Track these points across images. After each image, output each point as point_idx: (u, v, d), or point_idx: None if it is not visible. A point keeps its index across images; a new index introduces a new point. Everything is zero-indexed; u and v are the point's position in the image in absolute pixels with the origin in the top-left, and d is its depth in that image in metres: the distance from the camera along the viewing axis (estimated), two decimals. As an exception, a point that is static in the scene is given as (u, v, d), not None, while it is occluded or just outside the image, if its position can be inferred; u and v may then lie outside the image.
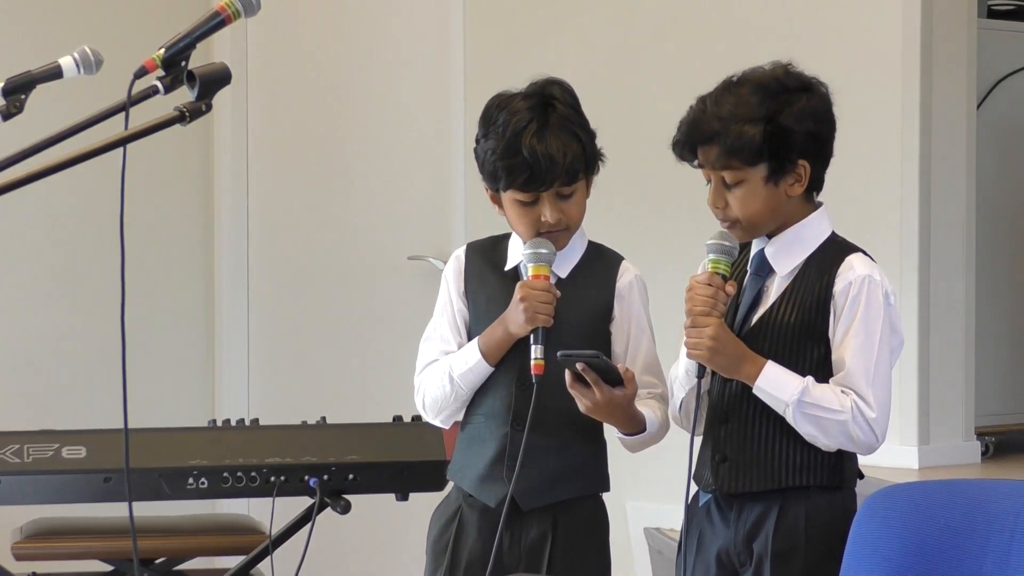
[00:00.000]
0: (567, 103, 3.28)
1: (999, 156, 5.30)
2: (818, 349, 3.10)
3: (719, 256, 3.09)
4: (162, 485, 4.06)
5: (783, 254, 3.14)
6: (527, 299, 3.19)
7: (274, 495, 4.06)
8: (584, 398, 3.16)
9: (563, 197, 3.25)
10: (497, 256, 3.36)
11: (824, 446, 3.07)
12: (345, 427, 4.24)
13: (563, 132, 3.23)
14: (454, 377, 3.30)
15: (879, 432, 3.07)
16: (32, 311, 5.99)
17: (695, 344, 3.06)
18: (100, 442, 4.09)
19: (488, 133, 3.27)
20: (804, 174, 3.11)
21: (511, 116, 3.24)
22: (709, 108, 3.11)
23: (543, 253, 3.23)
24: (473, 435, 3.34)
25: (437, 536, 3.38)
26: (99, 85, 2.76)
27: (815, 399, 3.03)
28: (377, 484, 4.16)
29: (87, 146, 2.37)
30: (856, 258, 3.12)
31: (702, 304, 3.06)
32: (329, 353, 6.15)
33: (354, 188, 6.16)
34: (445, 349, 3.35)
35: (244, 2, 2.48)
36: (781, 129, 3.08)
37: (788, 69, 3.14)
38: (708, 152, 3.10)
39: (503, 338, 3.25)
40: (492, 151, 3.24)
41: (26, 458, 4.05)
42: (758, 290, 3.15)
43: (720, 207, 3.12)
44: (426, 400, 3.36)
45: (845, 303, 3.07)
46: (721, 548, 3.15)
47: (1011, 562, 2.92)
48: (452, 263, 3.40)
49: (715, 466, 3.14)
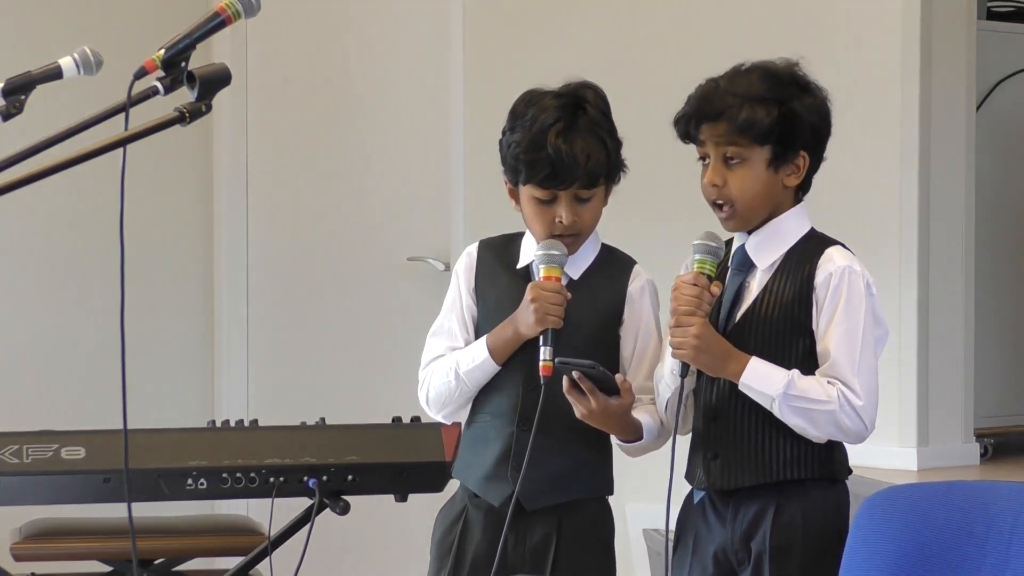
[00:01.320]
0: (598, 108, 3.29)
1: (999, 158, 5.30)
2: (803, 342, 3.11)
3: (705, 256, 3.10)
4: (161, 486, 4.05)
5: (763, 247, 3.15)
6: (538, 300, 3.20)
7: (273, 496, 4.05)
8: (580, 405, 3.17)
9: (580, 200, 3.26)
10: (510, 254, 3.37)
11: (814, 437, 3.08)
12: (344, 428, 4.24)
13: (590, 135, 3.24)
14: (460, 373, 3.30)
15: (868, 420, 3.08)
16: (31, 311, 5.99)
17: (679, 343, 3.07)
18: (99, 442, 4.09)
19: (515, 126, 3.28)
20: (803, 166, 3.13)
21: (540, 112, 3.25)
22: (723, 85, 3.13)
23: (555, 255, 3.23)
24: (478, 434, 3.34)
25: (442, 536, 3.38)
26: (99, 86, 2.76)
27: (801, 391, 3.04)
28: (376, 485, 4.16)
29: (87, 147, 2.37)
30: (835, 250, 3.14)
31: (687, 304, 3.07)
32: (329, 354, 6.15)
33: (354, 189, 6.15)
34: (452, 345, 3.36)
35: (244, 3, 2.48)
36: (792, 114, 3.11)
37: (798, 66, 3.16)
38: (715, 128, 3.11)
39: (512, 338, 3.25)
40: (517, 144, 3.25)
41: (25, 458, 4.04)
42: (739, 286, 3.16)
43: (718, 184, 3.11)
44: (430, 394, 3.37)
45: (827, 294, 3.08)
46: (718, 547, 3.16)
47: (1010, 563, 2.92)
48: (464, 259, 3.40)
49: (707, 464, 3.15)
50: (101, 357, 5.89)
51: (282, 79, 6.25)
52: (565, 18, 5.58)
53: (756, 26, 5.10)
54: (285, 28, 6.17)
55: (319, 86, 6.21)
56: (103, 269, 5.81)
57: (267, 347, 6.23)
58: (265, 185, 6.25)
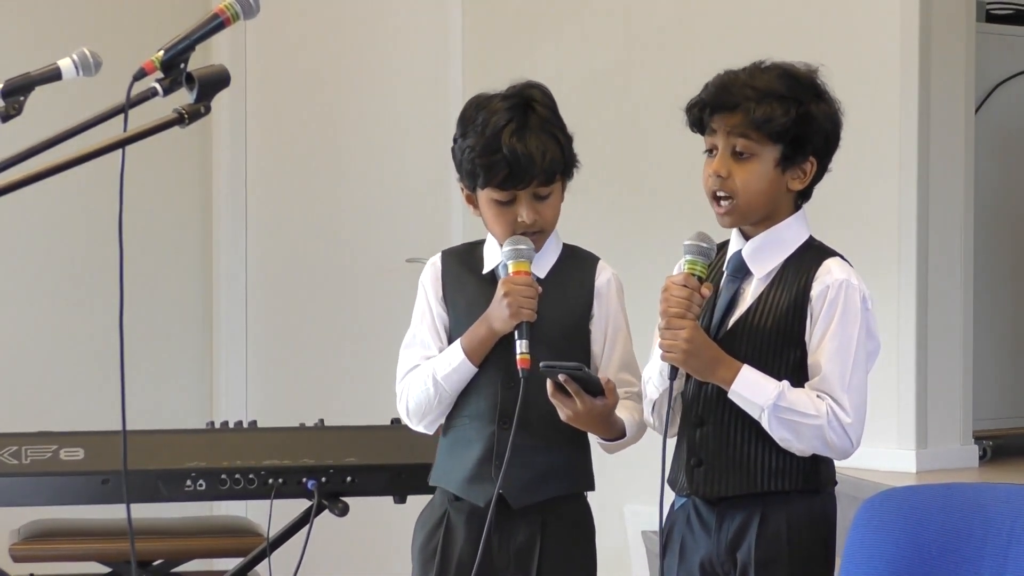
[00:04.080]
0: (546, 105, 3.30)
1: (997, 160, 5.30)
2: (794, 353, 3.07)
3: (696, 257, 3.07)
4: (160, 487, 4.06)
5: (761, 256, 3.12)
6: (511, 294, 3.19)
7: (272, 497, 4.05)
8: (565, 407, 3.16)
9: (539, 198, 3.26)
10: (474, 260, 3.37)
11: (798, 451, 3.05)
12: (343, 430, 4.24)
13: (542, 132, 3.25)
14: (438, 379, 3.29)
15: (854, 437, 3.04)
16: (31, 313, 5.99)
17: (669, 346, 3.04)
18: (98, 444, 4.09)
19: (467, 132, 3.29)
20: (809, 172, 3.11)
21: (490, 115, 3.25)
22: (742, 77, 3.10)
23: (523, 249, 3.23)
24: (457, 437, 3.33)
25: (424, 542, 3.37)
26: (98, 87, 2.76)
27: (790, 403, 3.01)
28: (375, 487, 4.16)
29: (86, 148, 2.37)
30: (834, 262, 3.10)
31: (677, 305, 3.03)
32: (327, 355, 6.15)
33: (353, 191, 6.16)
34: (426, 354, 3.35)
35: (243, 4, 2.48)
36: (808, 117, 3.08)
37: (818, 72, 3.16)
38: (730, 118, 3.08)
39: (486, 336, 3.25)
40: (471, 149, 3.26)
41: (24, 459, 4.04)
42: (734, 292, 3.13)
43: (723, 176, 3.09)
44: (410, 405, 3.35)
45: (822, 307, 3.05)
46: (704, 558, 3.13)
47: (1008, 565, 2.92)
48: (428, 269, 3.41)
49: (690, 470, 3.13)
50: (100, 358, 5.89)
51: (281, 81, 6.26)
52: (562, 20, 5.58)
53: (754, 29, 5.11)
54: (284, 30, 6.17)
55: (318, 88, 6.21)
56: (102, 270, 5.81)
57: (266, 349, 6.24)
58: (264, 187, 6.26)
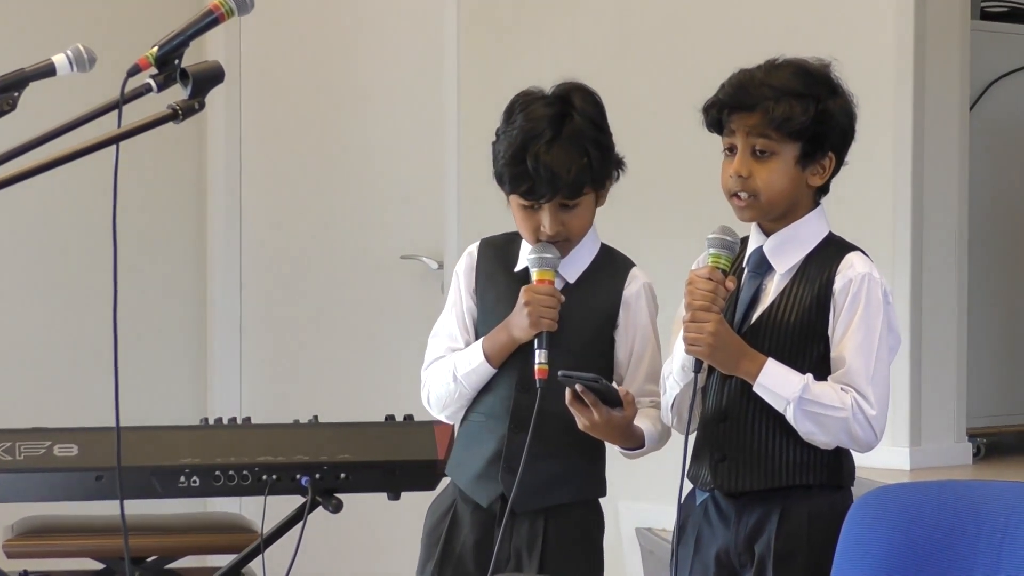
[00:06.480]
0: (586, 114, 3.27)
1: (992, 158, 5.30)
2: (818, 347, 3.09)
3: (720, 251, 3.07)
4: (154, 483, 4.05)
5: (782, 251, 3.13)
6: (531, 303, 3.20)
7: (266, 494, 4.05)
8: (582, 416, 3.16)
9: (566, 208, 3.26)
10: (509, 255, 3.37)
11: (822, 444, 3.07)
12: (337, 426, 4.24)
13: (572, 146, 3.23)
14: (458, 376, 3.32)
15: (878, 430, 3.07)
16: (24, 309, 5.98)
17: (694, 340, 3.04)
18: (92, 440, 4.08)
19: (504, 132, 3.29)
20: (828, 167, 3.12)
21: (527, 121, 3.25)
22: (759, 76, 3.10)
23: (548, 258, 3.24)
24: (472, 433, 3.36)
25: (432, 528, 3.41)
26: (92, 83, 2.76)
27: (816, 396, 3.02)
28: (369, 483, 4.16)
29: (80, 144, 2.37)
30: (855, 256, 3.12)
31: (702, 299, 3.04)
32: (322, 352, 6.15)
33: (347, 187, 6.15)
34: (452, 346, 3.37)
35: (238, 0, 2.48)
36: (826, 114, 3.09)
37: (831, 67, 3.16)
38: (748, 118, 3.08)
39: (507, 342, 3.27)
40: (502, 155, 3.26)
41: (18, 456, 4.04)
42: (756, 288, 3.14)
43: (744, 176, 3.08)
44: (431, 396, 3.39)
45: (845, 300, 3.07)
46: (720, 549, 3.14)
47: (1002, 562, 2.92)
48: (465, 259, 3.42)
49: (714, 465, 3.13)
50: (94, 354, 5.89)
51: (275, 77, 6.25)
52: (559, 18, 5.58)
53: (749, 27, 5.10)
54: (278, 26, 6.17)
55: (312, 84, 6.21)
56: (96, 266, 5.81)
57: (260, 345, 6.23)
58: (258, 183, 6.25)
